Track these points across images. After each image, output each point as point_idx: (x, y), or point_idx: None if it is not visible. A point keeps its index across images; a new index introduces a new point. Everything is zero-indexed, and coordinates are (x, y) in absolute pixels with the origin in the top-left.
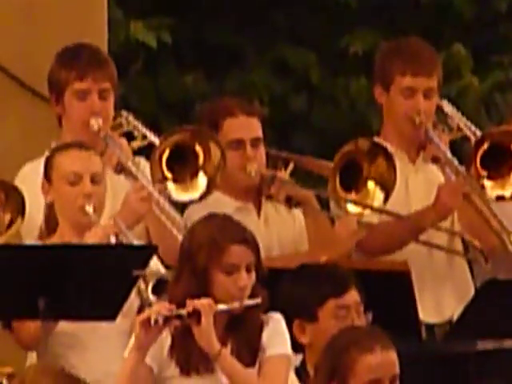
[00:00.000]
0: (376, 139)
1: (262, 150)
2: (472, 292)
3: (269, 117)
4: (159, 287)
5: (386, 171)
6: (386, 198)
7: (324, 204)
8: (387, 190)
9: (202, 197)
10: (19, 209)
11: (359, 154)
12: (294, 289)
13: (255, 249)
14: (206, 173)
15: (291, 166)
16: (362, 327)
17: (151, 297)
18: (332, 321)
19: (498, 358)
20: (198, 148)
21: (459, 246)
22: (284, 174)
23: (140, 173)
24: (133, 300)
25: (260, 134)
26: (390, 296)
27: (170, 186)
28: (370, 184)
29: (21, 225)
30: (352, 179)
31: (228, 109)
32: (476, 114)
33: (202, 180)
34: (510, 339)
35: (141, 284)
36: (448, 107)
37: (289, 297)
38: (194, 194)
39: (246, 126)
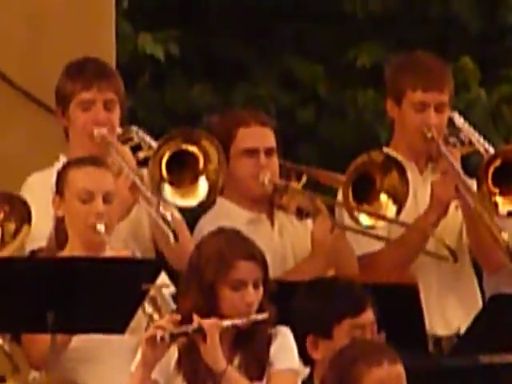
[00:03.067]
0: (385, 149)
1: (275, 159)
2: (479, 303)
3: (276, 129)
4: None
5: (399, 184)
6: (399, 211)
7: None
8: (400, 203)
9: (202, 204)
10: (24, 218)
11: (372, 166)
12: (309, 304)
13: (263, 265)
14: (207, 177)
15: (304, 178)
16: (370, 341)
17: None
18: (346, 339)
19: (504, 372)
20: (197, 152)
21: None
22: (297, 185)
23: (139, 181)
24: (141, 316)
25: (273, 143)
26: (398, 309)
27: (167, 187)
28: (383, 197)
29: (28, 233)
30: (364, 191)
31: (242, 118)
32: (484, 127)
33: (203, 186)
34: None
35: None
36: (459, 120)
37: (304, 311)
38: (193, 201)
39: (260, 136)
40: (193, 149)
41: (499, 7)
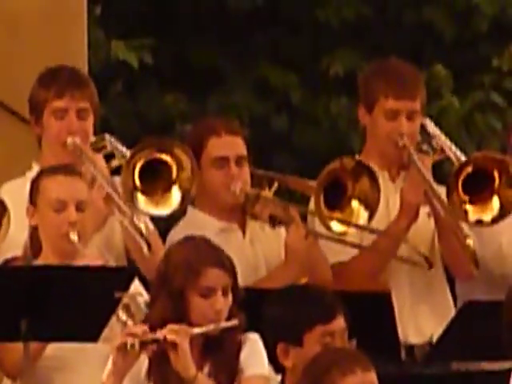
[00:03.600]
0: (358, 157)
1: (246, 168)
2: (452, 312)
3: (250, 137)
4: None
5: (370, 190)
6: (370, 217)
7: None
8: (371, 209)
9: (175, 212)
10: (2, 213)
11: (344, 172)
12: (280, 311)
13: (231, 272)
14: (180, 186)
15: (275, 185)
16: (343, 349)
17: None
18: (317, 346)
19: (477, 379)
20: (170, 161)
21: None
22: (268, 193)
23: (111, 189)
24: (115, 324)
25: (244, 152)
26: (370, 317)
27: (140, 197)
28: (354, 203)
29: (8, 224)
30: (336, 198)
31: (212, 128)
32: (456, 134)
33: (175, 193)
34: (489, 361)
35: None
36: (431, 127)
37: (274, 318)
38: (165, 210)
39: (231, 145)
40: (166, 157)
41: (472, 15)
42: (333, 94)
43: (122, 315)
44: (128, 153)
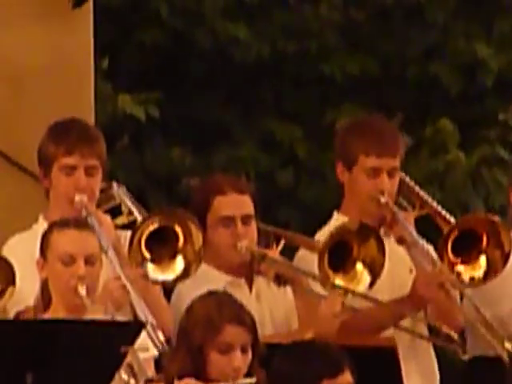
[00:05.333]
0: (336, 215)
1: (252, 227)
2: (435, 369)
3: (255, 191)
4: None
5: (376, 254)
6: (373, 283)
7: None
8: (374, 274)
9: (177, 280)
10: (9, 278)
11: (349, 234)
12: (287, 366)
13: (252, 329)
14: (184, 257)
15: (282, 243)
16: None
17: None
18: None
19: None
20: (178, 230)
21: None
22: (274, 252)
23: (116, 260)
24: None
25: (251, 211)
26: (376, 372)
27: (149, 266)
28: (359, 266)
29: (12, 293)
30: (341, 259)
31: (218, 186)
32: (463, 189)
33: (179, 263)
34: None
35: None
36: (410, 182)
37: (282, 374)
38: (169, 275)
39: (237, 204)
40: (177, 228)
41: (478, 69)
42: None
43: (124, 375)
44: (134, 209)
